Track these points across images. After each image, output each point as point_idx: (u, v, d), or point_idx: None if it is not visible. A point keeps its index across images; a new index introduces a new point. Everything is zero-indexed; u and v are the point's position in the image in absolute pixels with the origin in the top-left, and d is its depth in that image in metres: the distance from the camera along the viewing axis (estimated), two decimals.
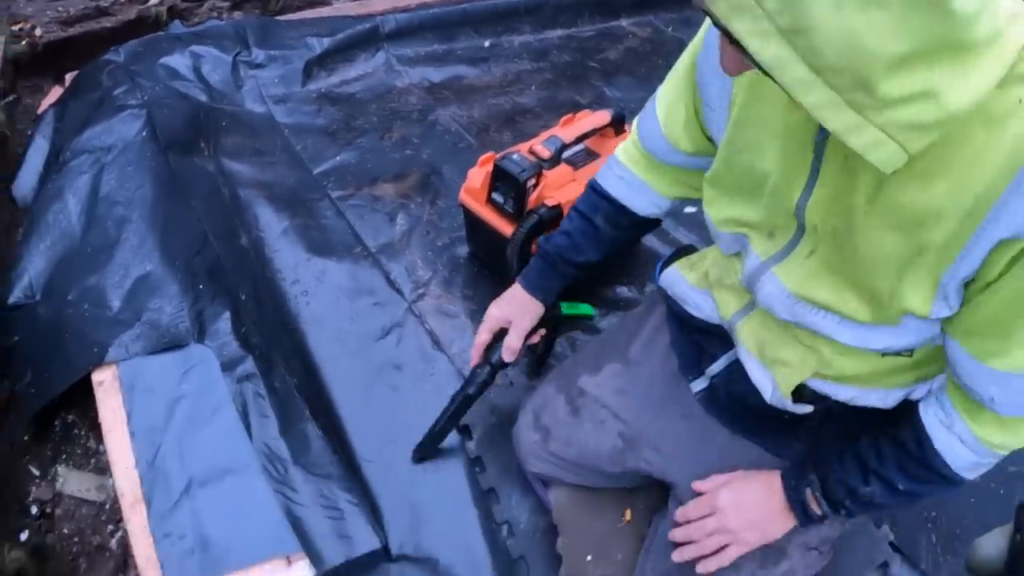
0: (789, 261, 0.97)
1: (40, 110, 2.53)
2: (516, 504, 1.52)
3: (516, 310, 1.38)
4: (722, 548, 1.17)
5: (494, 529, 1.49)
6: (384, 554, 1.43)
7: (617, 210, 1.29)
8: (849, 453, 1.05)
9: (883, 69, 0.63)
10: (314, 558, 1.39)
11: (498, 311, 1.39)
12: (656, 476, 1.32)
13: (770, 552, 1.15)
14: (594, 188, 1.31)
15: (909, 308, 0.84)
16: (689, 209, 2.05)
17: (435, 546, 1.45)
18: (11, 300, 1.85)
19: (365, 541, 1.41)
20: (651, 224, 1.34)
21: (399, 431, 1.56)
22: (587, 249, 1.32)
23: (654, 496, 1.42)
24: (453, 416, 1.46)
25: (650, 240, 1.99)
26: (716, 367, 1.21)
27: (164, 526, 1.44)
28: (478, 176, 1.72)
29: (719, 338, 1.18)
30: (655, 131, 1.19)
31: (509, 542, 1.48)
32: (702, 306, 1.20)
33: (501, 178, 1.65)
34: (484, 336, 1.40)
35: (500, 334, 1.40)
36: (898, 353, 0.97)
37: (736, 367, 1.16)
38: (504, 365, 1.41)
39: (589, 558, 1.38)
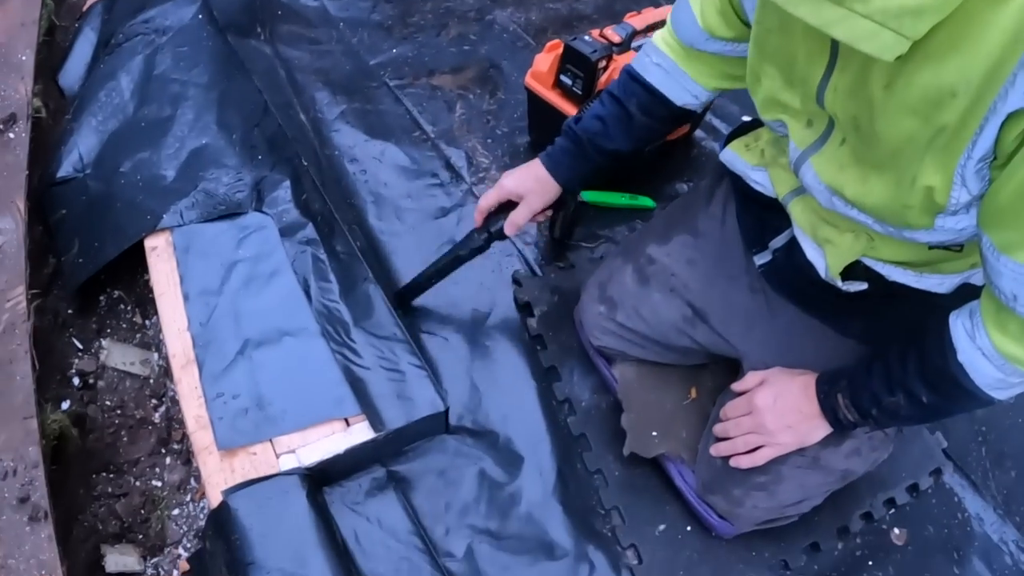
0: (824, 151, 0.94)
1: (85, 7, 2.47)
2: (577, 383, 1.48)
3: (531, 187, 1.31)
4: (756, 448, 1.16)
5: (554, 406, 1.45)
6: (444, 423, 1.38)
7: (653, 99, 1.23)
8: (879, 361, 1.02)
9: None
10: (374, 420, 1.33)
11: (513, 183, 1.31)
12: (722, 351, 1.30)
13: (833, 432, 1.13)
14: (630, 74, 1.25)
15: (930, 194, 0.81)
16: (745, 118, 2.00)
17: (494, 420, 1.42)
18: (60, 174, 1.79)
19: (428, 403, 1.36)
20: (686, 116, 1.28)
21: (459, 306, 1.52)
22: (618, 137, 1.26)
23: (719, 375, 1.40)
24: (438, 273, 1.43)
25: (708, 141, 1.94)
26: (778, 241, 1.18)
27: (216, 386, 1.38)
28: (545, 60, 1.66)
29: (781, 212, 1.14)
30: (690, 21, 1.14)
31: (570, 419, 1.45)
32: (762, 182, 1.17)
33: (571, 59, 1.59)
34: (490, 202, 1.34)
35: (506, 205, 1.33)
36: (946, 248, 0.94)
37: (796, 241, 1.12)
38: (502, 237, 1.35)
39: (654, 434, 1.34)
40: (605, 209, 1.75)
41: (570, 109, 1.63)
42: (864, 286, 1.05)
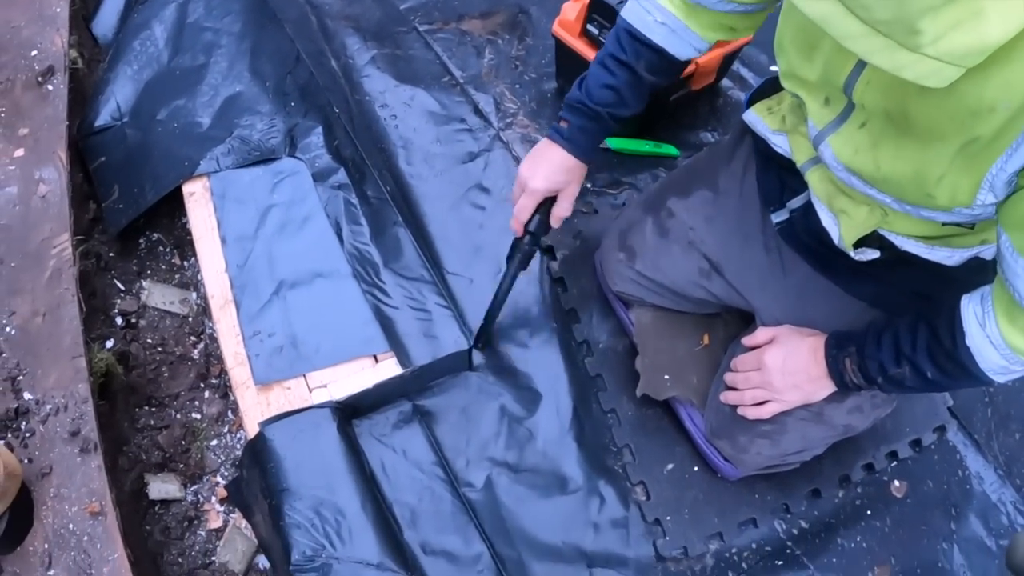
0: (842, 132, 1.00)
1: None
2: (596, 325, 1.62)
3: (565, 179, 1.32)
4: (763, 402, 1.26)
5: (573, 347, 1.60)
6: (468, 361, 1.54)
7: (660, 58, 1.23)
8: (888, 332, 1.10)
9: (932, 12, 0.65)
10: (402, 357, 1.50)
11: (544, 184, 1.31)
12: (737, 304, 1.40)
13: (838, 391, 1.23)
14: (633, 35, 1.23)
15: (955, 193, 0.87)
16: (773, 68, 2.08)
17: (515, 359, 1.57)
18: (98, 123, 1.96)
19: (453, 342, 1.53)
20: (684, 66, 1.31)
21: (483, 249, 1.66)
22: (632, 102, 1.28)
23: (732, 324, 1.52)
24: (503, 296, 1.47)
25: (735, 91, 2.04)
26: (796, 201, 1.25)
27: (253, 325, 1.57)
28: (573, 8, 1.76)
29: (800, 174, 1.21)
30: None
31: (587, 360, 1.59)
32: (782, 145, 1.23)
33: (598, 9, 1.69)
34: (528, 212, 1.35)
35: (541, 203, 1.35)
36: (959, 224, 0.99)
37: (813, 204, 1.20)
38: (546, 232, 1.39)
39: (666, 377, 1.48)
40: (629, 156, 1.87)
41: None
42: (876, 254, 1.12)
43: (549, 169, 1.32)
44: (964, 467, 1.58)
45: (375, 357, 1.52)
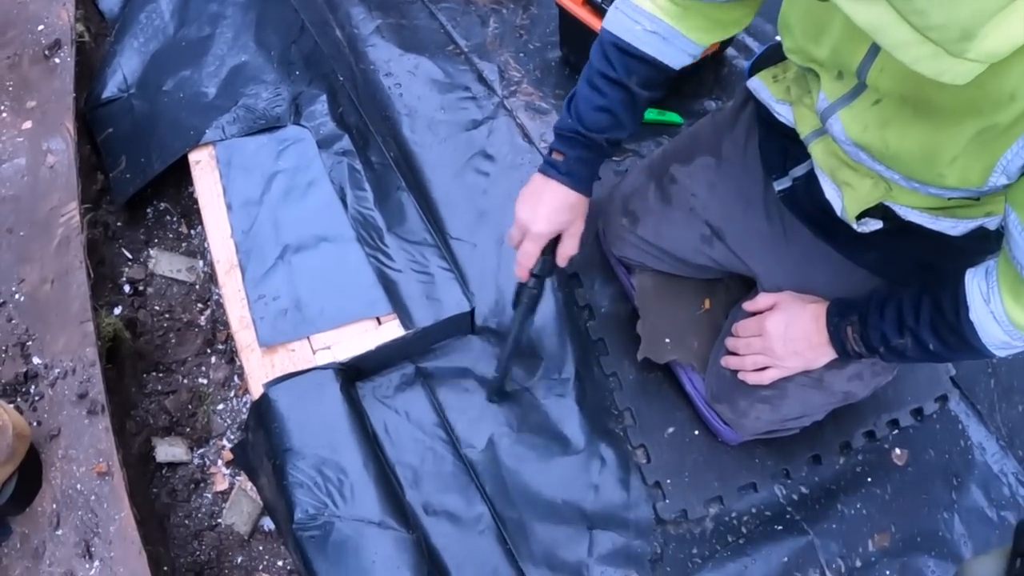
0: (853, 107, 0.99)
1: None
2: (598, 290, 1.65)
3: (569, 218, 1.27)
4: (764, 368, 1.28)
5: (575, 312, 1.63)
6: (470, 323, 1.58)
7: (653, 70, 1.19)
8: (891, 304, 1.11)
9: (992, 15, 0.64)
10: (404, 319, 1.53)
11: (548, 226, 1.26)
12: (738, 270, 1.42)
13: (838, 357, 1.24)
14: (621, 48, 1.18)
15: (966, 174, 0.88)
16: (779, 38, 2.10)
17: None
18: (105, 95, 2.00)
19: (455, 304, 1.56)
20: (675, 77, 1.26)
21: (487, 214, 1.69)
22: (627, 122, 1.23)
23: (733, 288, 1.54)
24: (516, 343, 1.41)
25: (740, 60, 2.05)
26: (799, 169, 1.23)
27: (258, 288, 1.60)
28: None
29: (803, 143, 1.19)
30: None
31: (589, 324, 1.62)
32: (786, 115, 1.22)
33: None
34: (533, 257, 1.29)
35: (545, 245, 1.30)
36: (964, 198, 0.98)
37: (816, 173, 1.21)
38: (551, 273, 1.34)
39: (667, 341, 1.50)
40: None
41: (599, 25, 1.76)
42: (879, 225, 1.13)
43: (550, 209, 1.25)
44: (966, 437, 1.60)
45: (378, 319, 1.55)
